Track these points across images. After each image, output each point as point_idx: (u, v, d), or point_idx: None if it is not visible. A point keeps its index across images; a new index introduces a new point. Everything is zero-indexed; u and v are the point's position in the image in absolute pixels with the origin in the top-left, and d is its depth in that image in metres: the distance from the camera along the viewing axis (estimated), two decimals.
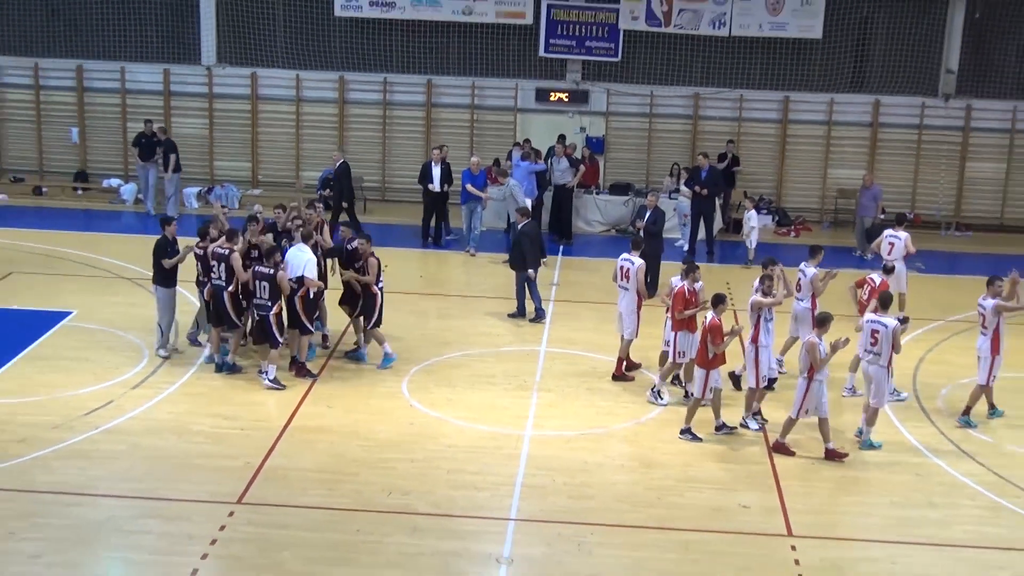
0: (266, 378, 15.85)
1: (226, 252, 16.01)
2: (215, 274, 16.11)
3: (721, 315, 14.59)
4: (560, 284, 21.58)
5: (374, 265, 16.51)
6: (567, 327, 18.96)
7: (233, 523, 12.17)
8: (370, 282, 16.47)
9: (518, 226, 19.58)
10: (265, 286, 15.75)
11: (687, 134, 27.26)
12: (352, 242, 16.81)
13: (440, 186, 23.66)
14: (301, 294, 16.00)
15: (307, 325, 16.26)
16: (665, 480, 13.68)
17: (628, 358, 16.84)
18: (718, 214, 24.83)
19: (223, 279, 16.05)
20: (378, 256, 16.67)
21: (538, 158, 24.61)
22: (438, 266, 23.01)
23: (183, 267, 16.77)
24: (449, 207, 24.31)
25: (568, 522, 12.50)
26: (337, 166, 24.38)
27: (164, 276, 16.63)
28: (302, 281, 15.95)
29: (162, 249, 16.60)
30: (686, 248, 23.63)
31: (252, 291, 15.94)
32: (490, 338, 18.39)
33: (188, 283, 17.16)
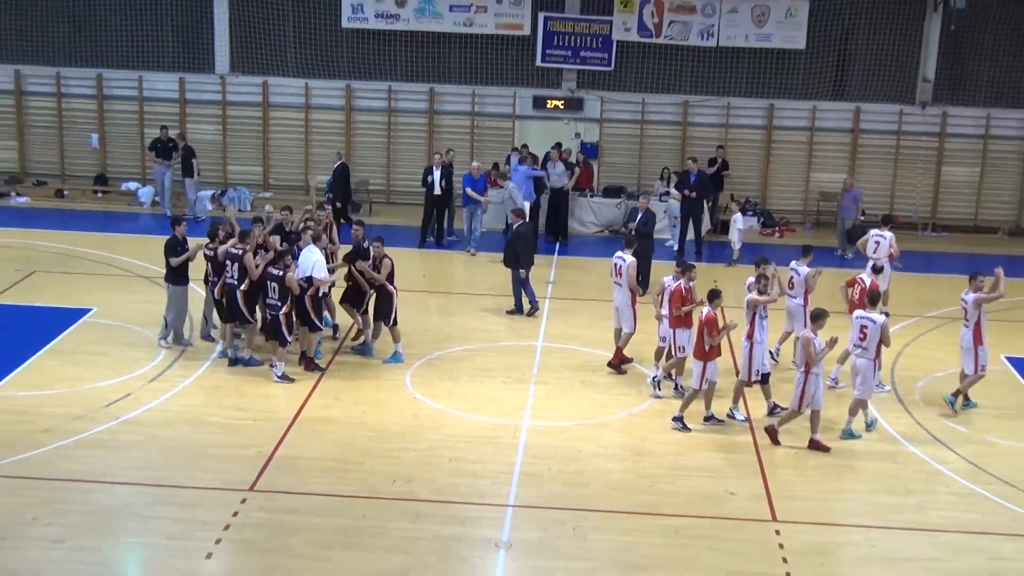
0: (276, 373, 15.87)
1: (239, 252, 16.05)
2: (229, 273, 16.11)
3: (716, 309, 14.62)
4: (556, 282, 21.57)
5: (388, 265, 16.52)
6: (563, 323, 18.96)
7: (245, 509, 12.19)
8: (383, 280, 16.46)
9: (514, 227, 19.60)
10: (275, 287, 15.76)
11: (677, 140, 27.24)
12: (364, 241, 16.88)
13: (440, 189, 23.66)
14: (311, 293, 16.00)
15: (315, 323, 16.28)
16: (656, 468, 13.69)
17: (614, 353, 16.84)
18: (706, 216, 24.84)
19: (235, 278, 16.07)
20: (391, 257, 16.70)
21: (535, 163, 24.62)
22: (440, 265, 22.99)
23: (193, 265, 16.79)
24: (454, 209, 24.34)
25: (563, 508, 12.51)
26: (336, 167, 24.36)
27: (175, 274, 16.62)
28: (311, 281, 15.96)
29: (172, 248, 16.60)
30: (676, 248, 23.65)
31: (264, 290, 15.96)
32: (489, 334, 18.39)
33: (199, 280, 17.17)
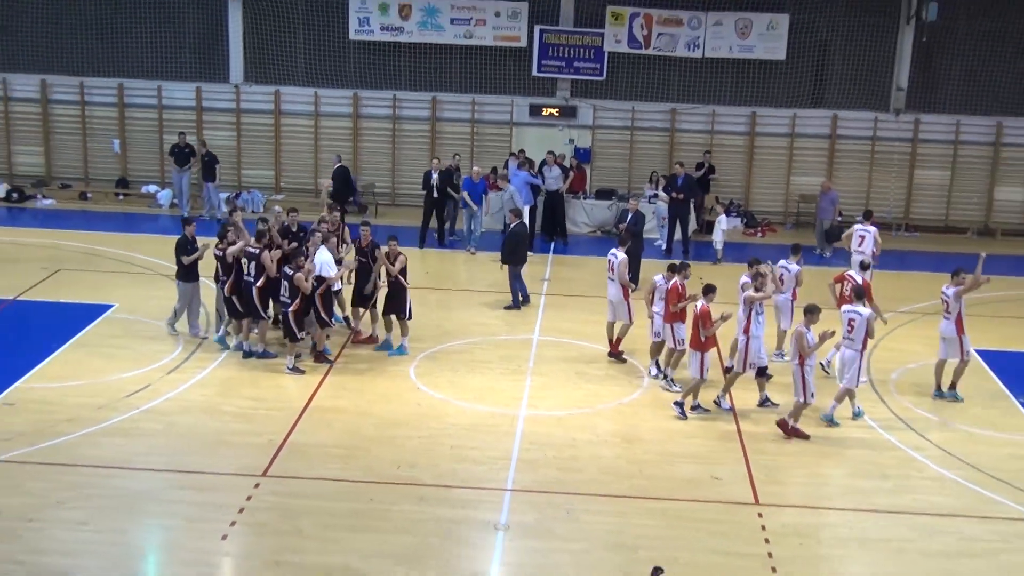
0: (288, 365, 15.84)
1: (256, 251, 16.06)
2: (246, 271, 16.10)
3: (711, 303, 14.58)
4: (551, 279, 21.56)
5: (402, 260, 16.51)
6: (557, 318, 18.94)
7: (259, 494, 12.19)
8: (396, 272, 16.40)
9: (510, 225, 19.57)
10: (286, 285, 15.74)
11: (665, 145, 27.19)
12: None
13: (437, 192, 23.64)
14: (320, 291, 15.97)
15: (325, 319, 16.27)
16: (645, 454, 13.69)
17: (614, 343, 16.81)
18: (693, 217, 24.82)
19: (252, 275, 16.05)
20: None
21: (532, 167, 24.59)
22: (441, 264, 22.94)
23: (203, 264, 16.78)
24: (458, 211, 24.30)
25: (558, 492, 12.52)
26: (335, 170, 24.33)
27: (185, 272, 16.61)
28: (322, 279, 15.93)
29: (182, 247, 16.59)
30: (664, 248, 23.61)
31: (278, 287, 15.96)
32: (488, 328, 18.36)
33: (210, 277, 17.11)
